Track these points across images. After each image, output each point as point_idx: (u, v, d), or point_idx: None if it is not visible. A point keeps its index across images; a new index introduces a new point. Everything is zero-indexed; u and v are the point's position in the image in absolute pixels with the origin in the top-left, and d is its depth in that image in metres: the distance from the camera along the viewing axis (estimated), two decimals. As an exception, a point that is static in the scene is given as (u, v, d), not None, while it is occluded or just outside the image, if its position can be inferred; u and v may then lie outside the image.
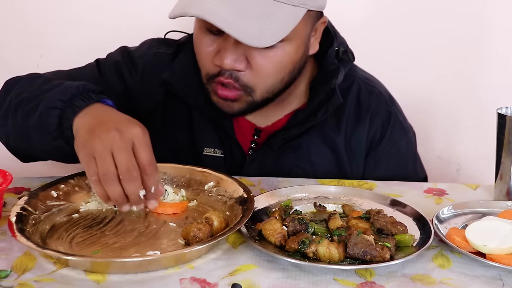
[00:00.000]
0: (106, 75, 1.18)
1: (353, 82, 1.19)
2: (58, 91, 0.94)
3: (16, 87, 1.04)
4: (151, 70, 1.18)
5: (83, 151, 0.83)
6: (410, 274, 0.79)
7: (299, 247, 0.81)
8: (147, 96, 1.18)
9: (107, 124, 0.84)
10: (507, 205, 0.98)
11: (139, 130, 0.84)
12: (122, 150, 0.81)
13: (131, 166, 0.81)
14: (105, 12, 1.71)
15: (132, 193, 0.82)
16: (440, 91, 1.76)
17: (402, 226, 0.87)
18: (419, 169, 1.27)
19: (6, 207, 0.95)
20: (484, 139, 1.52)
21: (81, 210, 0.94)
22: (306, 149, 1.16)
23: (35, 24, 1.72)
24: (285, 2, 0.95)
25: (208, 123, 1.17)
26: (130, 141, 0.82)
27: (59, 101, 0.91)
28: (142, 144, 0.83)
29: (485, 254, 0.81)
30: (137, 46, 1.24)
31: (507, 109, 1.04)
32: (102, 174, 0.80)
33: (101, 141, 0.81)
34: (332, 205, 0.99)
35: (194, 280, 0.76)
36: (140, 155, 0.82)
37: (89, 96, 0.92)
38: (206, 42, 1.02)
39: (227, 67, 0.99)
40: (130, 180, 0.81)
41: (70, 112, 0.90)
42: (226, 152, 1.17)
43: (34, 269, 0.77)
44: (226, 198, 0.96)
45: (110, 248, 0.83)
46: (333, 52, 1.15)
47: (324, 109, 1.12)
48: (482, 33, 1.70)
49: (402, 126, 1.22)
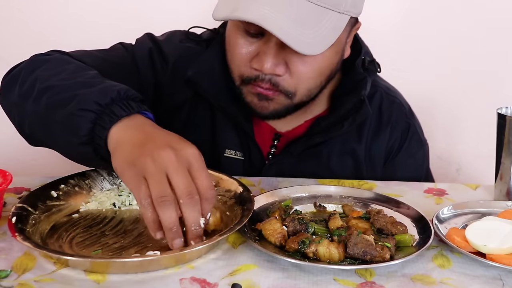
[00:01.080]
0: (139, 63, 1.12)
1: (376, 92, 1.19)
2: (96, 91, 0.84)
3: (43, 67, 0.95)
4: (182, 65, 1.13)
5: (131, 170, 0.75)
6: (410, 274, 0.79)
7: (299, 247, 0.81)
8: (176, 92, 1.15)
9: (158, 140, 0.77)
10: (507, 205, 0.98)
11: (195, 151, 0.77)
12: (180, 172, 0.74)
13: (192, 190, 0.74)
14: (105, 12, 1.71)
15: (194, 220, 0.75)
16: (440, 91, 1.77)
17: (402, 226, 0.87)
18: (430, 181, 1.28)
19: (6, 207, 0.95)
20: (484, 139, 1.52)
21: (81, 210, 0.94)
22: (327, 157, 1.16)
23: (35, 24, 1.73)
24: (332, 9, 0.94)
25: (230, 124, 1.15)
26: (186, 162, 0.75)
27: (95, 104, 0.82)
28: (201, 166, 0.76)
29: (485, 254, 0.81)
30: (164, 36, 1.18)
31: (507, 109, 1.04)
32: (158, 197, 0.72)
33: (154, 160, 0.74)
34: (332, 205, 0.99)
35: (194, 280, 0.76)
36: (200, 178, 0.75)
37: (129, 105, 0.83)
38: (243, 43, 1.00)
39: (267, 71, 0.97)
40: (191, 204, 0.74)
41: (107, 120, 0.81)
42: (245, 155, 1.16)
43: (34, 269, 0.77)
44: (226, 198, 0.96)
45: (110, 248, 0.83)
46: (360, 62, 1.14)
47: (351, 120, 1.11)
48: (482, 33, 1.70)
49: (419, 138, 1.23)
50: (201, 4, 1.56)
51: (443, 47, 1.72)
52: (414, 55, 1.73)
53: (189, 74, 1.11)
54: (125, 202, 0.96)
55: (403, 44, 1.72)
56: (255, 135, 1.15)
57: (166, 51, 1.14)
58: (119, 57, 1.12)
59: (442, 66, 1.74)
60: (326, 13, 0.94)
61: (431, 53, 1.73)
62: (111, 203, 0.95)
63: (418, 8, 1.70)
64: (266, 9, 0.89)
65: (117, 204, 0.95)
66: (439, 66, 1.74)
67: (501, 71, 1.74)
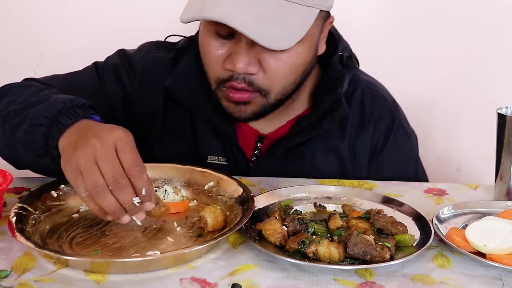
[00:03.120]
0: (105, 79, 1.15)
1: (357, 87, 1.18)
2: (44, 106, 0.91)
3: (8, 95, 1.02)
4: (150, 75, 1.16)
5: (68, 168, 0.80)
6: (410, 274, 0.79)
7: (299, 247, 0.81)
8: (146, 101, 1.16)
9: (88, 135, 0.81)
10: (507, 205, 0.98)
11: (119, 133, 0.80)
12: (105, 158, 0.77)
13: (117, 174, 0.76)
14: (105, 13, 1.71)
15: (126, 202, 0.77)
16: (440, 91, 1.77)
17: (402, 226, 0.87)
18: (420, 173, 1.27)
19: (6, 207, 0.95)
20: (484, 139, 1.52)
21: (81, 210, 0.94)
22: (310, 157, 1.15)
23: (35, 24, 1.73)
24: (299, 3, 0.94)
25: (211, 130, 1.15)
26: (112, 147, 0.78)
27: (44, 118, 0.88)
28: (124, 146, 0.79)
29: (485, 254, 0.81)
30: (135, 49, 1.21)
31: (507, 109, 1.04)
32: (92, 188, 0.76)
33: (83, 153, 0.78)
34: (332, 205, 0.99)
35: (194, 280, 0.76)
36: (123, 158, 0.78)
37: (75, 113, 0.89)
38: (215, 46, 1.00)
39: (240, 71, 0.97)
40: (119, 189, 0.76)
41: (55, 130, 0.87)
42: (229, 159, 1.16)
43: (34, 269, 0.77)
44: (226, 198, 0.96)
45: (110, 248, 0.83)
46: (337, 58, 1.14)
47: (330, 118, 1.11)
48: (482, 32, 1.70)
49: (405, 131, 1.21)
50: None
51: (443, 47, 1.72)
52: (414, 55, 1.73)
53: (167, 83, 1.12)
54: (125, 202, 0.96)
55: (403, 44, 1.72)
56: (238, 139, 1.15)
57: (134, 62, 1.17)
58: (86, 77, 1.16)
59: (442, 67, 1.74)
60: (294, 7, 0.94)
61: (431, 53, 1.73)
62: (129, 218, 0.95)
63: (418, 8, 1.70)
64: (231, 7, 0.90)
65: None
66: (439, 66, 1.74)
67: (501, 71, 1.74)
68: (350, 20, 1.60)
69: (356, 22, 1.66)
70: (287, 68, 1.00)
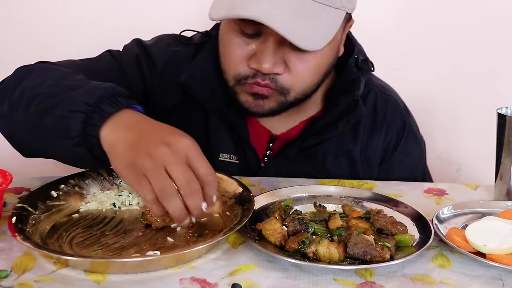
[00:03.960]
0: (126, 69, 1.12)
1: (370, 91, 1.18)
2: (83, 92, 0.85)
3: (29, 77, 0.95)
4: (171, 69, 1.14)
5: (131, 171, 0.77)
6: (410, 274, 0.79)
7: (299, 247, 0.81)
8: (165, 95, 1.15)
9: (152, 137, 0.78)
10: (507, 205, 0.98)
11: (189, 142, 0.79)
12: (177, 164, 0.76)
13: (191, 179, 0.76)
14: (105, 13, 1.71)
15: (195, 207, 0.77)
16: (440, 91, 1.77)
17: (402, 226, 0.87)
18: (428, 180, 1.27)
19: (6, 207, 0.95)
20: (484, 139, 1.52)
21: (81, 210, 0.94)
22: (322, 159, 1.15)
23: (35, 24, 1.73)
24: (329, 5, 0.94)
25: (224, 127, 1.15)
26: (183, 155, 0.77)
27: (84, 104, 0.83)
28: (197, 155, 0.78)
29: (485, 254, 0.81)
30: (152, 41, 1.18)
31: (507, 109, 1.04)
32: (160, 190, 0.75)
33: (151, 158, 0.75)
34: (332, 205, 0.99)
35: (194, 280, 0.76)
36: (198, 166, 0.77)
37: (117, 101, 0.84)
38: (239, 44, 0.99)
39: (266, 71, 0.96)
40: (192, 194, 0.76)
41: (97, 118, 0.82)
42: (240, 158, 1.15)
43: (34, 269, 0.77)
44: (226, 198, 0.96)
45: (110, 248, 0.83)
46: (353, 61, 1.14)
47: (346, 120, 1.11)
48: (482, 32, 1.70)
49: (415, 136, 1.22)
50: (200, 4, 1.56)
51: (443, 48, 1.72)
52: (414, 55, 1.73)
53: (182, 78, 1.11)
54: (125, 202, 0.96)
55: (403, 44, 1.72)
56: (251, 138, 1.14)
57: (154, 55, 1.14)
58: (105, 65, 1.12)
59: (442, 67, 1.74)
60: (324, 9, 0.94)
61: (431, 53, 1.73)
62: (111, 203, 0.95)
63: (418, 8, 1.70)
64: (266, 6, 0.89)
65: (117, 204, 0.95)
66: (439, 66, 1.74)
67: (501, 71, 1.74)
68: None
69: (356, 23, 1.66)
70: (312, 69, 1.01)
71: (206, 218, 0.92)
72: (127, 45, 1.17)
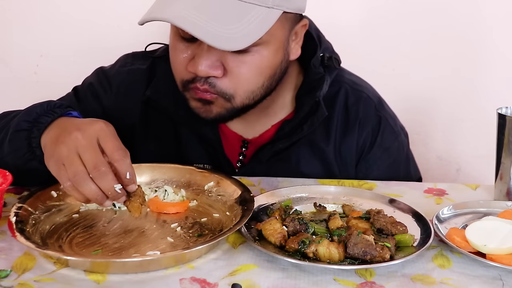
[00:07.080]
0: (83, 100, 1.17)
1: (340, 88, 1.16)
2: (24, 113, 0.94)
3: None
4: (126, 88, 1.16)
5: (51, 161, 0.82)
6: (410, 274, 0.79)
7: (299, 247, 0.81)
8: (125, 114, 1.16)
9: (69, 128, 0.83)
10: (507, 205, 0.98)
11: (101, 125, 0.82)
12: (87, 148, 0.80)
13: (98, 162, 0.79)
14: (105, 13, 1.71)
15: (107, 189, 0.80)
16: (440, 91, 1.77)
17: (402, 226, 0.87)
18: (412, 171, 1.24)
19: (6, 207, 0.95)
20: (484, 139, 1.52)
21: (81, 210, 0.94)
22: (296, 161, 1.14)
23: (35, 24, 1.73)
24: (258, 4, 0.92)
25: (195, 137, 1.14)
26: (94, 138, 0.81)
27: (25, 123, 0.91)
28: (107, 135, 0.81)
29: (485, 254, 0.81)
30: (111, 65, 1.22)
31: (507, 109, 1.04)
32: (72, 176, 0.79)
33: (66, 145, 0.80)
34: (332, 205, 0.99)
35: (194, 280, 0.76)
36: (105, 145, 0.81)
37: (54, 112, 0.91)
38: (180, 49, 0.99)
39: (202, 73, 0.96)
40: (100, 176, 0.79)
41: (36, 131, 0.89)
42: (215, 166, 1.14)
43: (34, 269, 0.77)
44: (226, 198, 0.96)
45: (110, 248, 0.83)
46: (317, 61, 1.12)
47: (310, 122, 1.10)
48: (482, 33, 1.70)
49: (392, 130, 1.19)
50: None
51: (443, 47, 1.72)
52: (414, 55, 1.73)
53: (148, 94, 1.13)
54: (125, 202, 0.96)
55: (403, 44, 1.72)
56: (223, 145, 1.14)
57: (110, 77, 1.19)
58: (65, 97, 1.19)
59: (442, 66, 1.74)
60: (251, 8, 0.92)
61: (431, 53, 1.73)
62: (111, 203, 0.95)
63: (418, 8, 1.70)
64: (182, 8, 0.88)
65: (117, 204, 0.95)
66: (439, 66, 1.74)
67: (501, 71, 1.74)
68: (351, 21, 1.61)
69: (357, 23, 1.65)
70: (251, 71, 0.98)
71: (206, 218, 0.93)
72: (87, 77, 1.22)
